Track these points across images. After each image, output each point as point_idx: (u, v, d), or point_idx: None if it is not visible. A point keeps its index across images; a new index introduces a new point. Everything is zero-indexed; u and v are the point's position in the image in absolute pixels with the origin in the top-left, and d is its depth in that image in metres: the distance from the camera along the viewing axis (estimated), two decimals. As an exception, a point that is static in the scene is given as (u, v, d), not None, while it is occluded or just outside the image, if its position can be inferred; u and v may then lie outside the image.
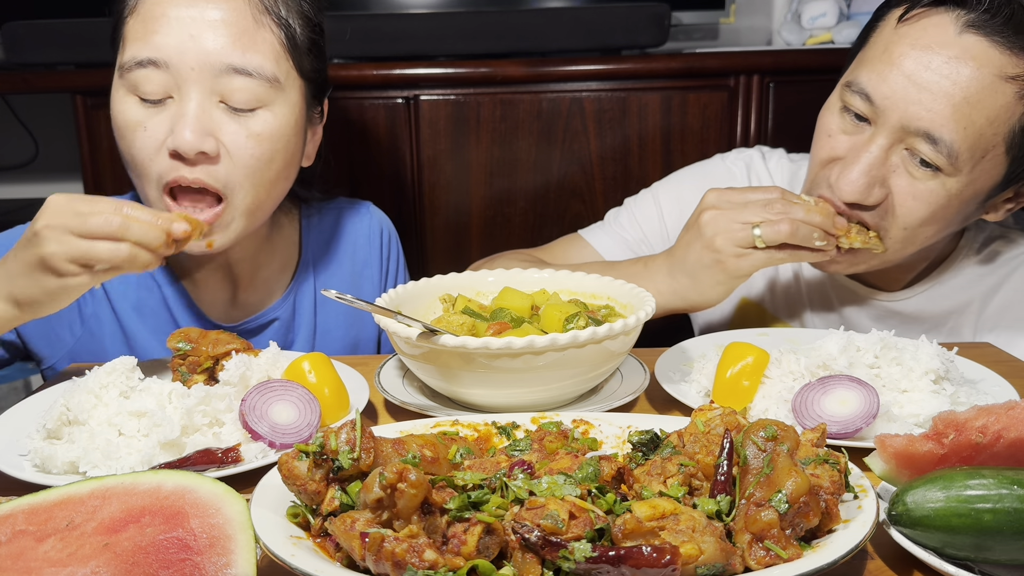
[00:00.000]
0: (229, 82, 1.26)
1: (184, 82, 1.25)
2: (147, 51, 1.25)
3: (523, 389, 1.09)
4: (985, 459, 0.84)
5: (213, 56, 1.25)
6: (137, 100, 1.27)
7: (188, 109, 1.25)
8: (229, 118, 1.28)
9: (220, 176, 1.28)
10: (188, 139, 1.23)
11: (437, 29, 2.13)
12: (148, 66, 1.25)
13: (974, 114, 1.21)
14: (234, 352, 1.14)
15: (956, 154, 1.23)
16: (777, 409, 1.09)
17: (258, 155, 1.30)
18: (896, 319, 1.53)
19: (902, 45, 1.26)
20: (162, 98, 1.27)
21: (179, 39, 1.24)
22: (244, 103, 1.27)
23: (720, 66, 2.11)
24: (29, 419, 1.09)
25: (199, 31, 1.25)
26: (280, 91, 1.31)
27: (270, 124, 1.30)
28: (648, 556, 0.68)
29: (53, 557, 0.75)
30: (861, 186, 1.28)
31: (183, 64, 1.24)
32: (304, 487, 0.79)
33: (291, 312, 1.55)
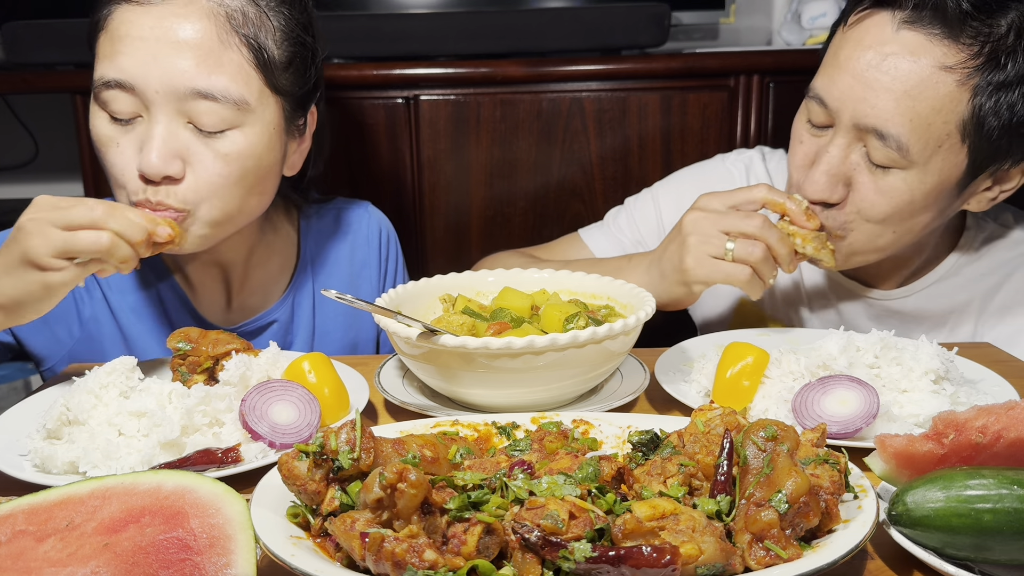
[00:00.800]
0: (195, 105, 1.24)
1: (151, 104, 1.24)
2: (113, 72, 1.24)
3: (523, 389, 1.09)
4: (985, 459, 0.84)
5: (177, 79, 1.22)
6: (108, 118, 1.27)
7: (155, 132, 1.23)
8: (197, 139, 1.26)
9: (180, 195, 1.26)
10: (154, 163, 1.22)
11: (437, 29, 2.13)
12: (115, 87, 1.24)
13: (918, 106, 1.24)
14: (234, 352, 1.15)
15: (906, 147, 1.25)
16: (777, 409, 1.09)
17: (225, 174, 1.28)
18: (896, 318, 1.53)
19: (848, 47, 1.30)
20: (132, 118, 1.26)
21: (143, 61, 1.22)
22: (212, 126, 1.25)
23: (720, 66, 2.11)
24: (29, 419, 1.09)
25: (163, 53, 1.22)
26: (249, 112, 1.28)
27: (239, 144, 1.28)
28: (648, 556, 0.68)
29: (53, 557, 0.75)
30: (823, 185, 1.32)
31: (148, 87, 1.23)
32: (304, 487, 0.79)
33: (289, 314, 1.54)
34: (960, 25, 1.22)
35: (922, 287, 1.51)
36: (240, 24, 1.26)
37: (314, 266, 1.58)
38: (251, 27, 1.28)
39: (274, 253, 1.55)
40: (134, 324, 1.48)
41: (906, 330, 1.52)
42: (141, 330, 1.48)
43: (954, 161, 1.28)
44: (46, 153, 2.71)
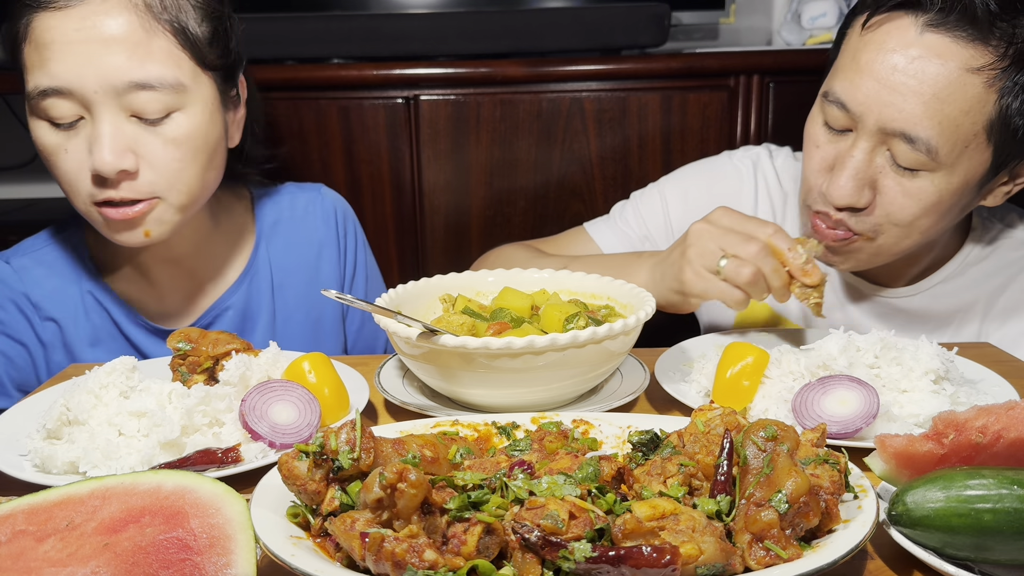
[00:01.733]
0: (135, 97, 1.25)
1: (91, 104, 1.25)
2: (47, 80, 1.25)
3: (523, 389, 1.09)
4: (985, 459, 0.84)
5: (113, 76, 1.24)
6: (50, 125, 1.28)
7: (102, 131, 1.25)
8: (143, 130, 1.28)
9: (144, 187, 1.29)
10: (108, 160, 1.24)
11: (437, 29, 2.13)
12: (52, 95, 1.25)
13: (946, 108, 1.24)
14: (234, 352, 1.15)
15: (935, 150, 1.25)
16: (777, 409, 1.09)
17: (179, 157, 1.30)
18: (901, 317, 1.53)
19: (868, 51, 1.28)
20: (74, 121, 1.27)
21: (75, 64, 1.23)
22: (155, 112, 1.28)
23: (720, 66, 2.11)
24: (29, 419, 1.09)
25: (94, 53, 1.23)
26: (187, 93, 1.30)
27: (184, 126, 1.30)
28: (648, 556, 0.68)
29: (53, 557, 0.75)
30: (850, 190, 1.30)
31: (85, 88, 1.24)
32: (304, 487, 0.79)
33: (245, 299, 1.54)
34: (988, 27, 1.22)
35: (928, 286, 1.51)
36: (160, 11, 1.28)
37: (270, 249, 1.58)
38: (171, 11, 1.29)
39: (228, 239, 1.55)
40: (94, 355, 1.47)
41: (912, 329, 1.52)
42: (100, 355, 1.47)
43: (979, 160, 1.28)
44: (46, 153, 2.70)
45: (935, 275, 1.50)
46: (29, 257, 1.48)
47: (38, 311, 1.45)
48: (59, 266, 1.47)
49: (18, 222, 2.40)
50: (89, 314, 1.46)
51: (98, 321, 1.47)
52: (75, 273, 1.47)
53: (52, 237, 1.51)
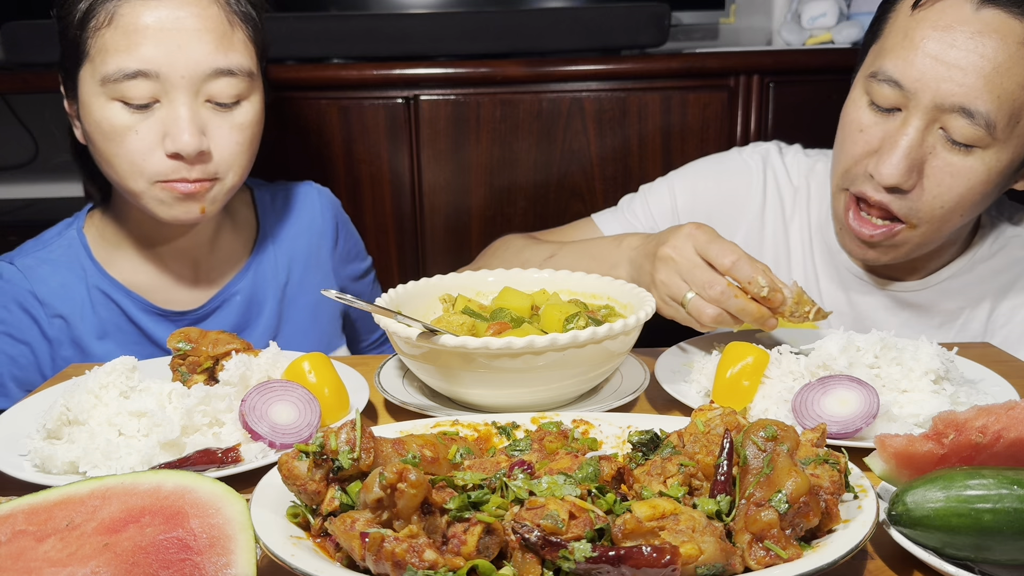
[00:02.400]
0: (214, 83, 1.36)
1: (173, 88, 1.34)
2: (135, 63, 1.31)
3: (523, 389, 1.09)
4: (985, 459, 0.84)
5: (201, 63, 1.34)
6: (122, 105, 1.34)
7: (181, 113, 1.34)
8: (215, 114, 1.38)
9: (211, 169, 1.39)
10: (188, 142, 1.33)
11: (437, 29, 2.13)
12: (137, 76, 1.32)
13: (1005, 82, 1.26)
14: (234, 352, 1.15)
15: (994, 124, 1.27)
16: (777, 409, 1.09)
17: (241, 141, 1.41)
18: (909, 310, 1.53)
19: (922, 28, 1.30)
20: (148, 103, 1.34)
21: (167, 50, 1.32)
22: (228, 98, 1.38)
23: (720, 66, 2.11)
24: (29, 419, 1.09)
25: (184, 41, 1.33)
26: (254, 81, 1.42)
27: (249, 113, 1.42)
28: (648, 556, 0.68)
29: (53, 557, 0.75)
30: (903, 169, 1.31)
31: (173, 73, 1.33)
32: (304, 487, 0.79)
33: (252, 284, 1.59)
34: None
35: (936, 281, 1.52)
36: (236, 4, 1.40)
37: (274, 241, 1.65)
38: (244, 5, 1.41)
39: (233, 232, 1.61)
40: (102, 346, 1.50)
41: (919, 323, 1.53)
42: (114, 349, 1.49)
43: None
44: (46, 153, 2.71)
45: (944, 270, 1.51)
46: (32, 257, 1.50)
47: (45, 308, 1.48)
48: (63, 263, 1.50)
49: (18, 222, 2.40)
50: (96, 307, 1.49)
51: (105, 314, 1.50)
52: (79, 269, 1.50)
53: (53, 237, 1.54)
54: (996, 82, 1.25)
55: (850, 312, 1.57)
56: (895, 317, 1.54)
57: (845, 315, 1.57)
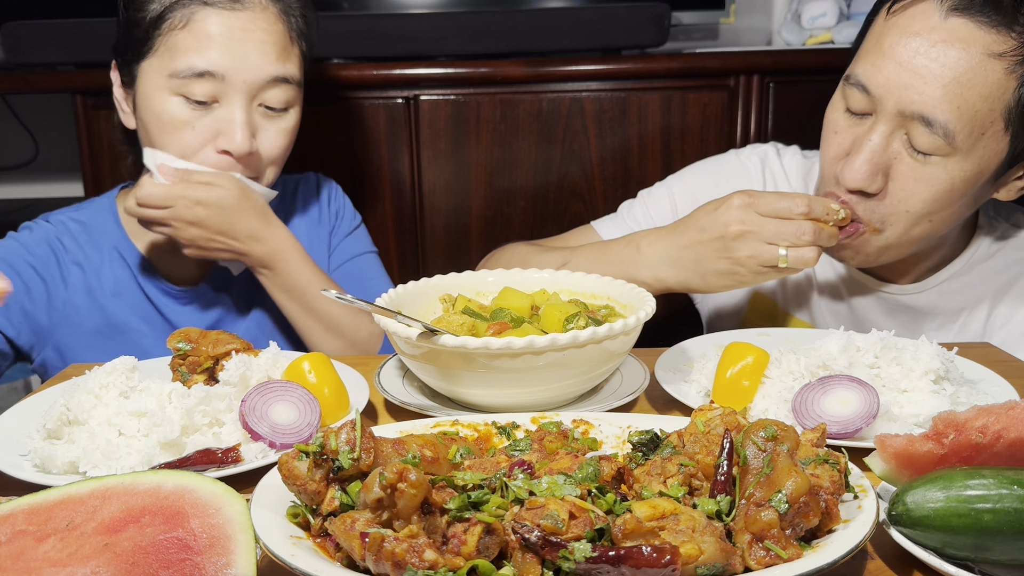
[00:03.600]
0: (270, 90, 1.50)
1: (233, 91, 1.47)
2: (205, 64, 1.45)
3: (523, 389, 1.09)
4: (985, 459, 0.84)
5: (263, 71, 1.48)
6: (183, 100, 1.46)
7: (237, 116, 1.47)
8: (265, 118, 1.52)
9: (255, 167, 1.53)
10: (240, 143, 1.47)
11: (437, 29, 2.13)
12: (204, 76, 1.45)
13: (966, 93, 1.25)
14: (234, 352, 1.15)
15: (952, 134, 1.26)
16: (777, 409, 1.09)
17: (284, 146, 1.56)
18: (907, 313, 1.53)
19: (892, 35, 1.30)
20: (208, 101, 1.47)
21: (234, 56, 1.45)
22: (280, 104, 1.52)
23: (720, 66, 2.11)
24: (29, 419, 1.09)
25: (250, 50, 1.47)
26: (300, 91, 1.57)
27: (293, 119, 1.57)
28: (648, 556, 0.68)
29: (53, 557, 0.75)
30: (864, 173, 1.31)
31: (236, 78, 1.46)
32: (304, 487, 0.79)
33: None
34: (1013, 13, 1.23)
35: (934, 283, 1.52)
36: (298, 23, 1.55)
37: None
38: (301, 25, 1.56)
39: None
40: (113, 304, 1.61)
41: (917, 325, 1.53)
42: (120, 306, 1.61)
43: (995, 149, 1.29)
44: (46, 153, 2.71)
45: (942, 272, 1.51)
46: (65, 215, 1.66)
47: (68, 254, 1.61)
48: (92, 224, 1.65)
49: (18, 222, 2.40)
50: (113, 266, 1.63)
51: (120, 274, 1.63)
52: (105, 232, 1.64)
53: (87, 204, 1.71)
54: (956, 92, 1.25)
55: (848, 314, 1.57)
56: (893, 320, 1.54)
57: (843, 317, 1.57)
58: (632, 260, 1.45)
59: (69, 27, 2.08)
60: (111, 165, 2.13)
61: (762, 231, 1.31)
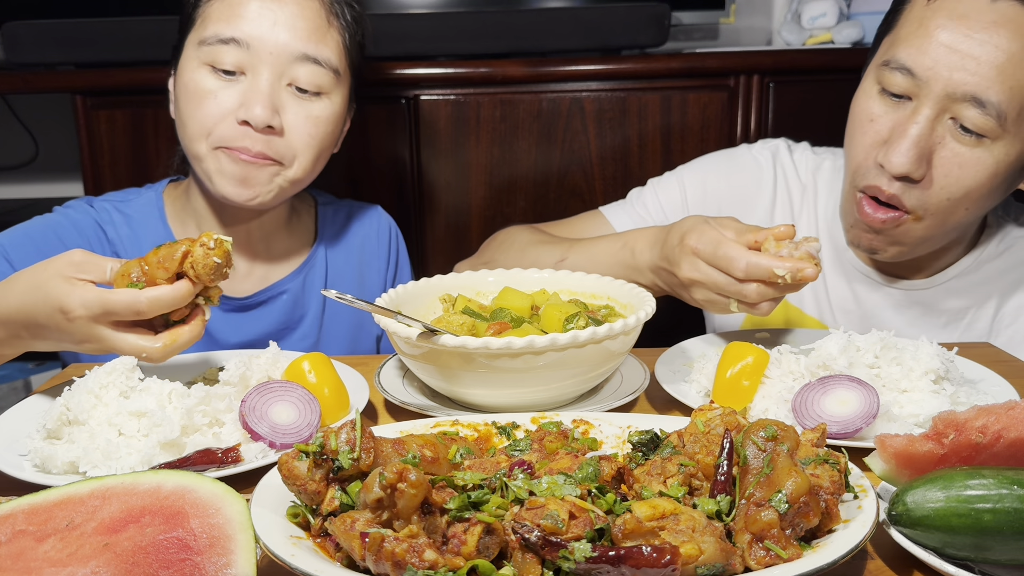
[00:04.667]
0: (299, 68, 1.44)
1: (260, 63, 1.42)
2: (231, 31, 1.41)
3: (523, 389, 1.09)
4: (985, 459, 0.84)
5: (291, 44, 1.43)
6: (211, 70, 1.43)
7: (261, 86, 1.42)
8: (294, 100, 1.45)
9: (280, 149, 1.45)
10: (259, 113, 1.40)
11: (437, 29, 2.13)
12: (230, 43, 1.41)
13: (1018, 73, 1.26)
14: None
15: (1004, 115, 1.27)
16: (777, 409, 1.09)
17: (313, 134, 1.47)
18: (916, 309, 1.54)
19: (938, 18, 1.30)
20: (235, 72, 1.42)
21: (262, 26, 1.41)
22: (310, 86, 1.45)
23: (720, 66, 2.11)
24: (29, 419, 1.09)
25: (281, 21, 1.42)
26: (338, 83, 1.50)
27: (327, 110, 1.48)
28: (648, 556, 0.68)
29: (53, 557, 0.75)
30: (912, 158, 1.31)
31: (263, 48, 1.41)
32: (304, 487, 0.79)
33: (301, 287, 1.65)
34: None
35: (942, 280, 1.52)
36: (340, 10, 1.51)
37: (328, 250, 1.71)
38: (346, 12, 1.51)
39: (293, 235, 1.68)
40: None
41: (924, 321, 1.53)
42: None
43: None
44: (46, 153, 2.71)
45: (950, 269, 1.52)
46: (110, 203, 1.61)
47: (110, 244, 1.57)
48: (137, 218, 1.60)
49: (18, 222, 2.40)
50: None
51: None
52: (151, 228, 1.59)
53: (133, 195, 1.64)
54: (1009, 72, 1.26)
55: (857, 309, 1.57)
56: (901, 315, 1.54)
57: (852, 312, 1.57)
58: (628, 264, 1.45)
59: (69, 27, 2.08)
60: (111, 165, 2.13)
61: (708, 282, 1.26)
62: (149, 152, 2.11)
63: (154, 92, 1.71)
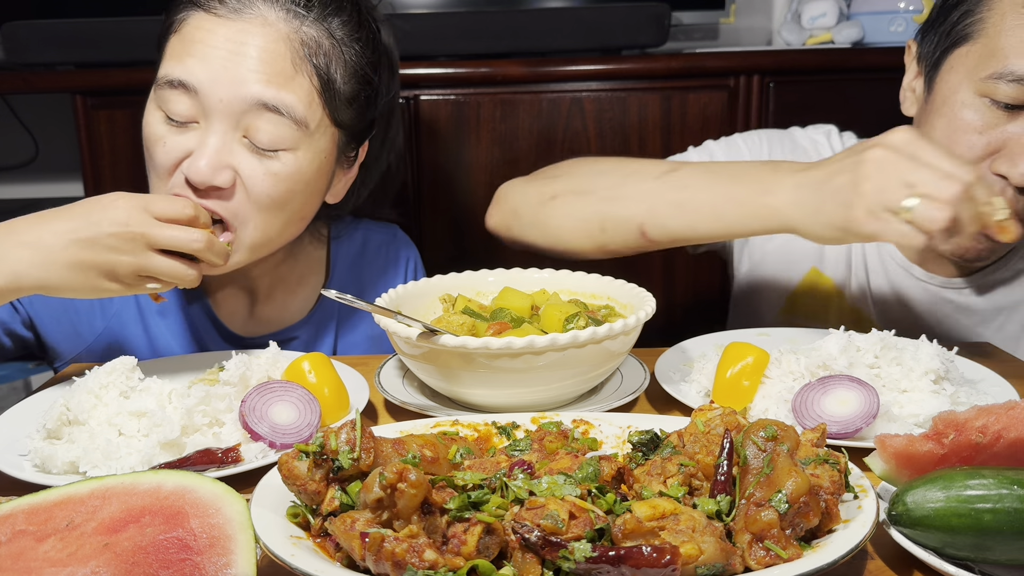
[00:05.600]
0: (256, 118, 1.23)
1: (211, 111, 1.22)
2: (179, 72, 1.23)
3: (523, 389, 1.09)
4: (985, 459, 0.84)
5: (243, 90, 1.21)
6: (164, 117, 1.25)
7: (209, 141, 1.22)
8: (250, 155, 1.24)
9: (231, 208, 1.25)
10: (202, 170, 1.21)
11: (437, 29, 2.13)
12: (178, 87, 1.23)
13: None
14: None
15: None
16: (777, 409, 1.09)
17: (274, 195, 1.26)
18: (949, 306, 1.53)
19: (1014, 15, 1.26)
20: (187, 121, 1.24)
21: (212, 68, 1.22)
22: (268, 144, 1.24)
23: (720, 66, 2.11)
24: (29, 419, 1.09)
25: (234, 64, 1.22)
26: (307, 135, 1.27)
27: (290, 166, 1.26)
28: (648, 556, 0.68)
29: (53, 557, 0.75)
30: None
31: (212, 94, 1.21)
32: (304, 487, 0.79)
33: (313, 334, 1.55)
34: None
35: (978, 281, 1.51)
36: (314, 53, 1.26)
37: (341, 286, 1.58)
38: (323, 58, 1.27)
39: (300, 271, 1.55)
40: (159, 324, 1.47)
41: (956, 319, 1.52)
42: (165, 331, 1.47)
43: None
44: (46, 153, 2.71)
45: (987, 271, 1.51)
46: None
47: None
48: None
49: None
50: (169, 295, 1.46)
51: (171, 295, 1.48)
52: None
53: None
54: None
55: (893, 297, 1.56)
56: (933, 312, 1.53)
57: (888, 300, 1.56)
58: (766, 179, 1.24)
59: (69, 27, 2.08)
60: (111, 165, 2.13)
61: (904, 169, 1.10)
62: (149, 152, 2.11)
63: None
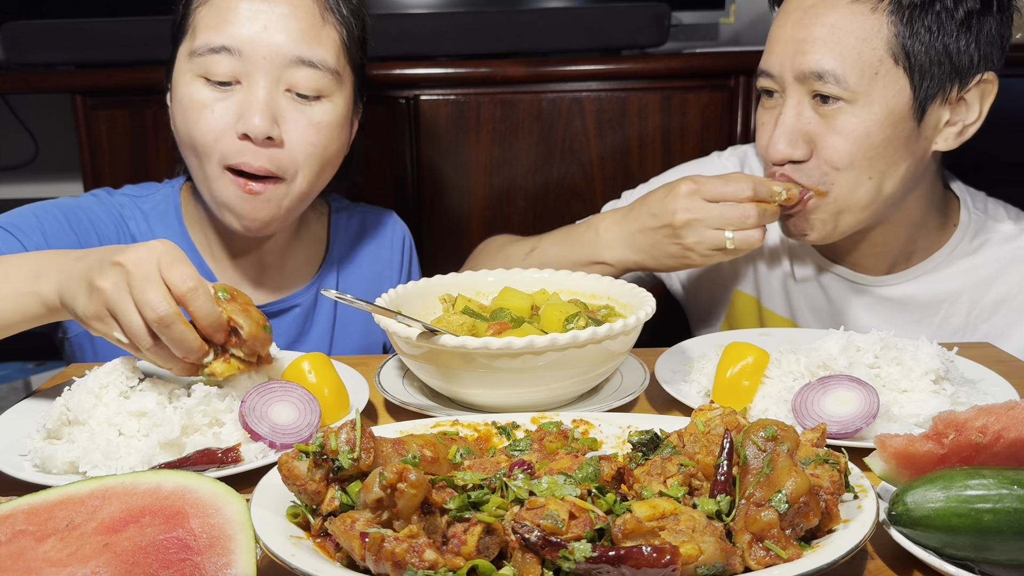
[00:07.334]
0: (295, 72, 1.36)
1: (254, 70, 1.34)
2: (221, 39, 1.34)
3: (523, 389, 1.09)
4: (985, 459, 0.84)
5: (283, 48, 1.35)
6: (204, 82, 1.35)
7: (257, 96, 1.34)
8: (292, 107, 1.37)
9: (282, 163, 1.37)
10: (258, 124, 1.33)
11: (437, 29, 2.13)
12: (221, 52, 1.34)
13: (842, 38, 1.34)
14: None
15: (844, 78, 1.34)
16: (777, 409, 1.09)
17: (316, 143, 1.39)
18: (886, 305, 1.55)
19: (776, 22, 1.45)
20: (230, 81, 1.35)
21: (252, 30, 1.34)
22: (309, 91, 1.37)
23: (720, 66, 2.11)
24: (29, 419, 1.09)
25: (272, 25, 1.35)
26: (339, 84, 1.42)
27: (329, 114, 1.40)
28: (648, 556, 0.68)
29: (53, 557, 0.75)
30: (783, 143, 1.39)
31: (255, 53, 1.34)
32: (304, 487, 0.79)
33: (312, 302, 1.62)
34: None
35: (913, 275, 1.53)
36: (335, 5, 1.42)
37: (340, 262, 1.67)
38: (344, 7, 1.43)
39: (304, 245, 1.64)
40: None
41: (897, 317, 1.54)
42: None
43: (896, 87, 1.35)
44: (46, 153, 2.71)
45: (921, 265, 1.53)
46: (128, 198, 1.56)
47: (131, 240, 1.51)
48: (153, 216, 1.55)
49: (18, 222, 2.40)
50: None
51: None
52: (164, 225, 1.55)
53: (151, 191, 1.59)
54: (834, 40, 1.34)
55: (828, 309, 1.59)
56: (873, 313, 1.56)
57: (823, 312, 1.60)
58: (593, 242, 1.52)
59: (69, 27, 2.08)
60: (111, 165, 2.13)
61: (708, 218, 1.37)
62: (149, 152, 2.11)
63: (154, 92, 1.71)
